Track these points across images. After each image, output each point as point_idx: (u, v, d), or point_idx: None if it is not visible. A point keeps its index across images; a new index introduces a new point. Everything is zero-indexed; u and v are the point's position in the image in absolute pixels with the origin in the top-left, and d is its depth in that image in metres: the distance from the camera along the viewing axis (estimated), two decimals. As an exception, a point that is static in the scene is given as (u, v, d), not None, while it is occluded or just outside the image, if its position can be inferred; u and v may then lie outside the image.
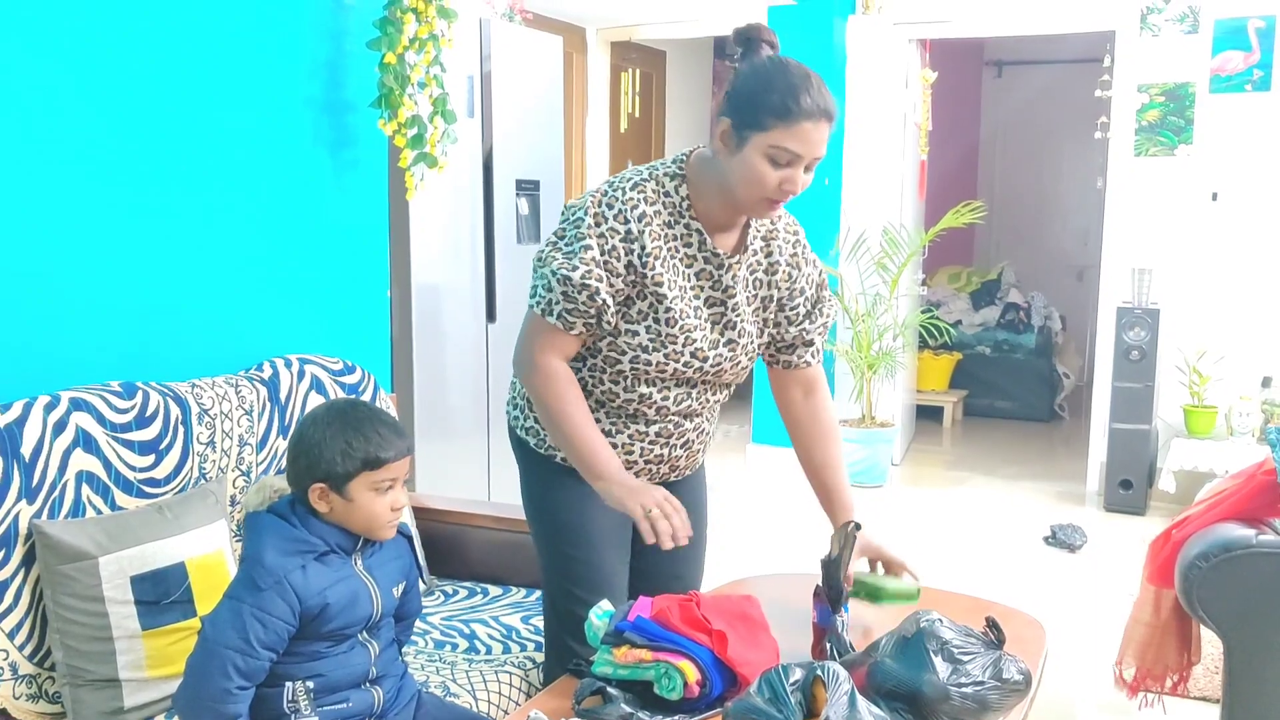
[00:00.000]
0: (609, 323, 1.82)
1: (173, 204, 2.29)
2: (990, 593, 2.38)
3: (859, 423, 5.43)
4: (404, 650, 1.93)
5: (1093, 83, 5.35)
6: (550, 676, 2.03)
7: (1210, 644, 2.68)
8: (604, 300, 1.78)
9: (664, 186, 1.84)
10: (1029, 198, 8.39)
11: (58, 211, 2.07)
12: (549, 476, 1.97)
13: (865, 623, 1.90)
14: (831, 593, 1.75)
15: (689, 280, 1.85)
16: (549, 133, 4.06)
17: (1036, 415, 6.96)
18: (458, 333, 3.66)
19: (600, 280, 1.78)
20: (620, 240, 1.79)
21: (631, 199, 1.81)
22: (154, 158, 2.24)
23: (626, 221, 1.79)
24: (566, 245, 1.81)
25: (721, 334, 1.90)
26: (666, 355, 1.85)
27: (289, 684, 1.65)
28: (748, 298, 1.92)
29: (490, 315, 3.76)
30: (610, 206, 1.80)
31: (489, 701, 2.02)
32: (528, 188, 3.90)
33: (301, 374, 2.36)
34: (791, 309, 1.97)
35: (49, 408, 1.85)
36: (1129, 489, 4.86)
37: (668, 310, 1.82)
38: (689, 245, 1.85)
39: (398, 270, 3.34)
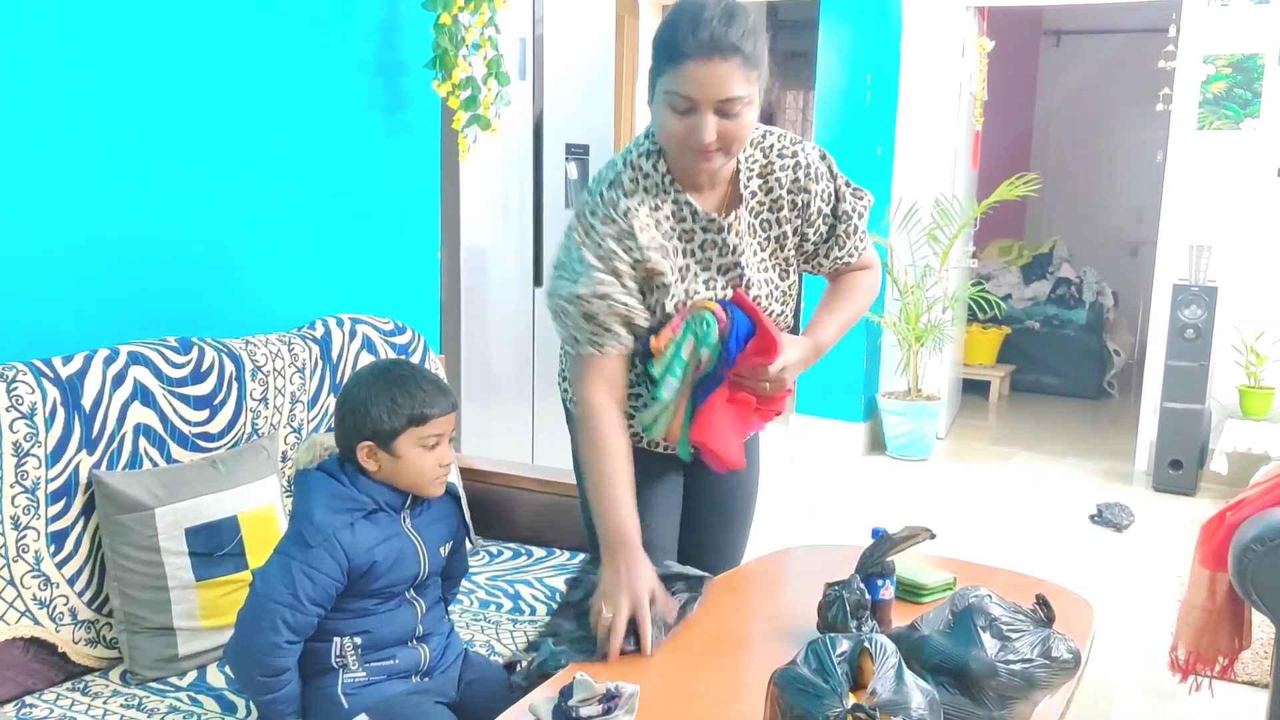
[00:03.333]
0: (636, 317, 1.76)
1: (229, 164, 2.31)
2: (1034, 570, 2.35)
3: (904, 395, 5.38)
4: (450, 609, 1.95)
5: (1155, 53, 5.21)
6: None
7: (1260, 628, 2.64)
8: (623, 302, 1.73)
9: (640, 170, 1.76)
10: (1084, 171, 8.23)
11: (118, 171, 2.09)
12: None
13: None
14: (872, 565, 1.76)
15: (693, 257, 1.79)
16: (599, 96, 4.03)
17: (1085, 392, 6.86)
18: (504, 296, 3.67)
19: (611, 285, 1.72)
20: (615, 242, 1.72)
21: (611, 198, 1.74)
22: (212, 119, 2.26)
23: (614, 222, 1.73)
24: (566, 272, 1.75)
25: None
26: None
27: (337, 639, 1.68)
28: (757, 247, 1.83)
29: (537, 279, 3.76)
30: (594, 214, 1.74)
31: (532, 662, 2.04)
32: (577, 152, 3.88)
33: (353, 333, 2.38)
34: (815, 236, 1.87)
35: (108, 360, 1.89)
36: (1179, 469, 4.78)
37: (673, 297, 1.77)
38: (683, 220, 1.78)
39: (448, 233, 3.34)
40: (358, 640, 1.69)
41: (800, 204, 1.83)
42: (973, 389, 6.71)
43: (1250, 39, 4.75)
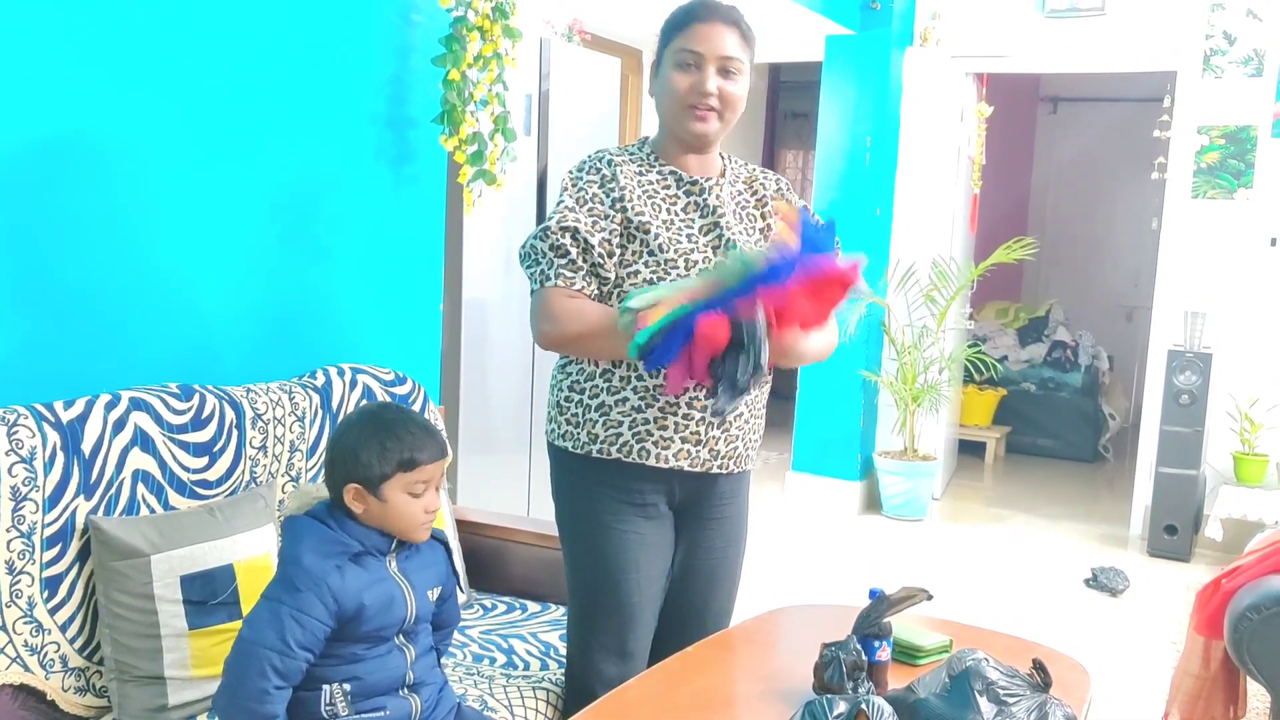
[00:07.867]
0: (602, 266, 1.84)
1: (235, 213, 2.33)
2: (1028, 633, 2.34)
3: (901, 455, 5.39)
4: (443, 662, 1.94)
5: (1150, 122, 5.30)
6: (571, 697, 2.03)
7: (1255, 697, 2.63)
8: (585, 238, 1.82)
9: (628, 149, 1.96)
10: (1080, 235, 8.31)
11: (123, 218, 2.11)
12: (588, 495, 1.95)
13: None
14: (869, 626, 1.75)
15: (676, 215, 1.91)
16: (603, 153, 4.09)
17: (1080, 455, 6.86)
18: (504, 348, 3.68)
19: (579, 221, 1.83)
20: (598, 187, 1.87)
21: (599, 153, 1.93)
22: (220, 167, 2.29)
23: (599, 169, 1.89)
24: (545, 220, 1.89)
25: (725, 257, 1.91)
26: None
27: (326, 687, 1.67)
28: (740, 218, 1.96)
29: (537, 332, 3.78)
30: (580, 168, 1.91)
31: (525, 718, 2.02)
32: (580, 207, 3.92)
33: (354, 383, 2.39)
34: None
35: (110, 406, 1.89)
36: (1174, 534, 4.78)
37: (656, 239, 1.85)
38: (667, 186, 1.92)
39: (450, 284, 3.36)
40: (347, 687, 1.68)
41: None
42: (969, 450, 6.71)
43: (1243, 111, 4.83)
